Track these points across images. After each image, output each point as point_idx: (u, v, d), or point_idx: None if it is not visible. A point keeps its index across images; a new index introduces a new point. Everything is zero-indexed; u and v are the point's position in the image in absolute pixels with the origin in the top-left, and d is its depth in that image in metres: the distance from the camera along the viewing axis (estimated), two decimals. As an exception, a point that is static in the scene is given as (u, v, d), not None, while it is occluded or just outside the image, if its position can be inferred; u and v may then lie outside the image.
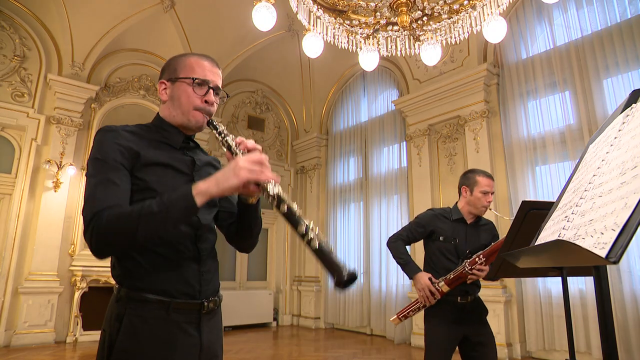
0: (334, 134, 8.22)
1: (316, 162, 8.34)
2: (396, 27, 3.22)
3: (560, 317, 4.49)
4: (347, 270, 0.91)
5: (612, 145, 0.87)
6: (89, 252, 5.95)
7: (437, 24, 3.18)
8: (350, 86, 8.07)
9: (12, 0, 5.98)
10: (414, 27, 3.17)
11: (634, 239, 0.62)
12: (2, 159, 5.81)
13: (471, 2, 3.04)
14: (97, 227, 0.98)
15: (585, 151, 1.07)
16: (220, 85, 1.24)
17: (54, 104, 6.08)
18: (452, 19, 3.13)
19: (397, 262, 2.35)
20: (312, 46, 3.38)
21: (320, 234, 0.98)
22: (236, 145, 1.13)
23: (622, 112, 0.93)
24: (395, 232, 2.46)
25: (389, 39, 3.37)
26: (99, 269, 5.86)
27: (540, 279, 4.73)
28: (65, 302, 5.72)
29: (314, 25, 3.20)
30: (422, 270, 2.28)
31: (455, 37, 3.18)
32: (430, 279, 2.18)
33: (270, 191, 1.01)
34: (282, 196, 1.01)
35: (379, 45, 3.38)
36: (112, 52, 6.71)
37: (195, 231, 1.17)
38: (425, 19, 3.15)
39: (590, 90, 4.62)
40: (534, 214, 1.54)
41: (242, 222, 1.26)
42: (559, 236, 0.85)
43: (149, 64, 7.06)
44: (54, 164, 5.84)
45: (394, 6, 3.09)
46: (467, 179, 2.32)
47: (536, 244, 1.05)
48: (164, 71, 1.25)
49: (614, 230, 0.63)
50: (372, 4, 3.24)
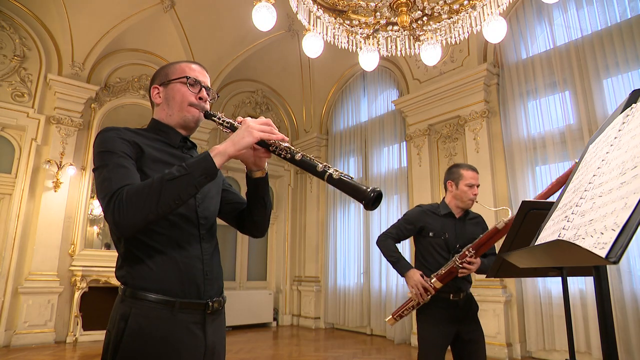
0: (334, 134, 8.22)
1: (316, 162, 8.33)
2: (396, 27, 3.22)
3: (560, 317, 4.49)
4: (372, 189, 0.97)
5: (612, 145, 0.87)
6: (88, 252, 6.00)
7: (437, 24, 3.18)
8: (350, 86, 8.07)
9: (12, 0, 5.98)
10: (414, 27, 3.17)
11: (634, 239, 0.63)
12: (2, 159, 5.81)
13: (471, 2, 3.04)
14: (119, 202, 0.99)
15: (585, 151, 1.07)
16: (210, 87, 1.31)
17: (54, 104, 6.08)
18: (452, 19, 3.13)
19: (388, 260, 2.35)
20: (312, 46, 3.38)
21: (338, 169, 1.04)
22: (239, 123, 1.18)
23: (622, 112, 0.93)
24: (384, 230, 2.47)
25: (389, 39, 3.37)
26: (99, 269, 5.86)
27: (540, 279, 4.73)
28: (65, 302, 5.72)
29: (314, 25, 3.20)
30: (413, 267, 2.28)
31: (455, 37, 3.18)
32: (422, 276, 2.18)
33: (281, 144, 1.09)
34: (293, 147, 1.09)
35: (379, 45, 3.38)
36: (112, 52, 6.71)
37: (199, 231, 1.19)
38: (425, 19, 3.15)
39: (590, 90, 4.62)
40: (534, 214, 1.54)
41: (255, 196, 1.29)
42: (559, 236, 0.85)
43: (149, 64, 7.06)
44: (54, 164, 5.84)
45: (394, 6, 3.09)
46: (452, 174, 2.34)
47: (536, 244, 1.05)
48: (155, 78, 1.30)
49: (614, 230, 0.63)
50: (372, 4, 3.24)
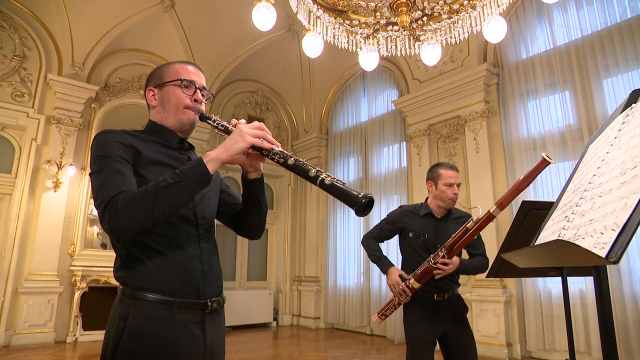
0: (334, 134, 8.22)
1: (316, 162, 8.33)
2: (396, 27, 3.22)
3: (560, 317, 4.49)
4: (363, 195, 0.97)
5: (612, 145, 0.87)
6: (88, 252, 6.00)
7: (437, 24, 3.18)
8: (350, 86, 8.07)
9: (12, 0, 5.98)
10: (414, 27, 3.17)
11: (634, 239, 0.62)
12: (2, 159, 5.81)
13: (471, 2, 3.04)
14: (114, 209, 1.00)
15: (585, 151, 1.07)
16: (205, 86, 1.30)
17: (54, 104, 6.08)
18: (452, 19, 3.12)
19: (371, 260, 2.38)
20: (312, 46, 3.37)
21: (330, 174, 1.04)
22: (232, 126, 1.19)
23: (622, 112, 0.93)
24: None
25: (389, 39, 3.37)
26: (99, 269, 5.86)
27: (540, 279, 4.73)
28: (65, 302, 5.72)
29: (314, 25, 3.20)
30: (394, 266, 2.28)
31: (455, 37, 3.18)
32: (400, 276, 2.19)
33: (274, 148, 1.10)
34: (286, 152, 1.09)
35: (379, 45, 3.38)
36: (112, 52, 6.71)
37: (197, 231, 1.19)
38: (425, 19, 3.15)
39: (590, 90, 4.62)
40: (534, 214, 1.54)
41: (251, 198, 1.29)
42: (559, 236, 0.85)
43: (149, 64, 7.06)
44: (54, 164, 5.84)
45: (394, 6, 3.09)
46: (432, 173, 2.35)
47: (536, 244, 1.05)
48: (149, 80, 1.30)
49: (614, 230, 0.63)
50: (372, 4, 3.24)
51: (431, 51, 3.32)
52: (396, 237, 2.49)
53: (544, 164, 1.70)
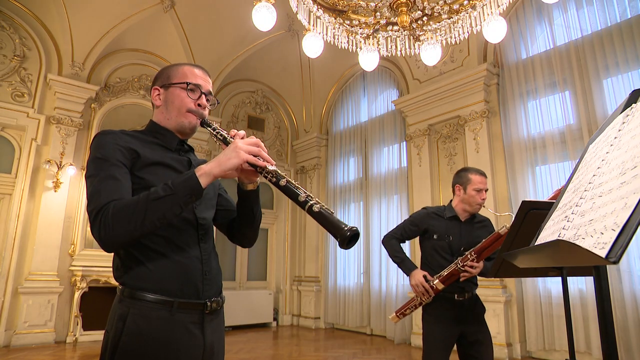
0: (334, 134, 8.22)
1: (316, 162, 8.34)
2: (396, 27, 3.22)
3: (560, 317, 4.49)
4: (349, 228, 0.95)
5: (612, 145, 0.87)
6: (88, 252, 5.99)
7: (437, 24, 3.18)
8: (350, 86, 8.07)
9: (12, 0, 5.98)
10: (414, 27, 3.17)
11: (634, 239, 0.63)
12: (2, 159, 5.80)
13: (471, 2, 3.04)
14: (105, 219, 0.99)
15: (585, 151, 1.07)
16: (211, 91, 1.30)
17: (54, 104, 6.08)
18: (452, 19, 3.12)
19: (393, 261, 2.39)
20: (312, 46, 3.37)
21: (319, 201, 1.03)
22: (231, 137, 1.18)
23: (622, 112, 0.93)
24: (389, 230, 2.50)
25: (389, 39, 3.37)
26: (99, 269, 5.86)
27: (540, 279, 4.73)
28: (65, 302, 5.72)
29: (314, 25, 3.20)
30: (417, 267, 2.30)
31: (455, 37, 3.18)
32: (425, 277, 2.20)
33: (268, 167, 1.08)
34: (279, 172, 1.08)
35: (379, 45, 3.38)
36: (112, 52, 6.71)
37: (197, 231, 1.19)
38: (425, 19, 3.15)
39: (590, 90, 4.62)
40: (534, 214, 1.54)
41: (244, 208, 1.29)
42: (559, 236, 0.85)
43: (149, 64, 7.06)
44: (54, 164, 5.84)
45: (394, 6, 3.09)
46: (460, 178, 2.34)
47: (536, 244, 1.05)
48: (157, 79, 1.30)
49: (614, 230, 0.63)
50: (372, 4, 3.24)
51: (431, 51, 3.32)
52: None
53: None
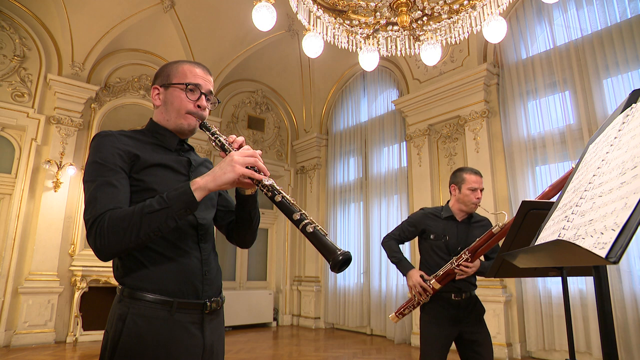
0: (334, 134, 8.22)
1: (316, 162, 8.34)
2: (396, 27, 3.22)
3: (560, 317, 4.49)
4: (342, 252, 0.95)
5: (612, 145, 0.87)
6: (88, 252, 5.99)
7: (437, 24, 3.18)
8: (350, 86, 8.07)
9: (12, 0, 5.98)
10: (414, 27, 3.17)
11: (634, 239, 0.63)
12: (2, 159, 5.81)
13: (471, 2, 3.04)
14: (100, 229, 1.00)
15: (585, 151, 1.07)
16: (212, 90, 1.29)
17: (54, 104, 6.08)
18: (452, 19, 3.13)
19: (391, 261, 2.41)
20: (312, 46, 3.37)
21: (314, 220, 1.02)
22: (229, 144, 1.18)
23: (622, 112, 0.93)
24: (389, 231, 2.52)
25: (389, 39, 3.37)
26: (99, 269, 5.86)
27: (540, 279, 4.73)
28: (65, 302, 5.72)
29: (314, 25, 3.20)
30: (414, 267, 2.32)
31: (455, 37, 3.18)
32: (422, 276, 2.21)
33: (264, 181, 1.07)
34: (276, 187, 1.07)
35: (379, 45, 3.38)
36: (112, 52, 6.71)
37: (197, 231, 1.19)
38: (425, 19, 3.15)
39: (590, 90, 4.62)
40: (534, 214, 1.54)
41: (242, 212, 1.29)
42: (559, 236, 0.85)
43: (149, 64, 7.06)
44: (54, 164, 5.84)
45: (394, 6, 3.09)
46: (455, 177, 2.36)
47: (536, 244, 1.05)
48: (157, 77, 1.29)
49: (614, 230, 0.63)
50: (372, 4, 3.24)
51: (431, 51, 3.32)
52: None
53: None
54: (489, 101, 5.67)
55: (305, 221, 1.01)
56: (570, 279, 4.33)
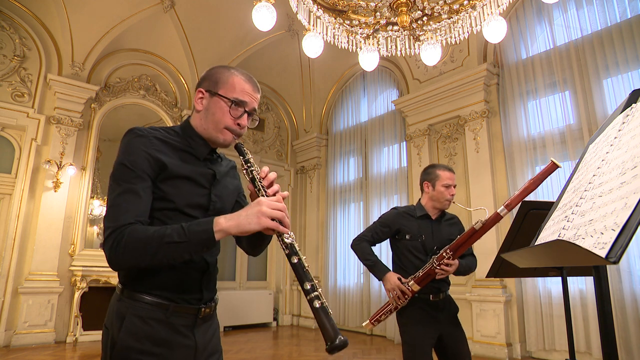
0: (334, 134, 8.22)
1: (316, 162, 8.34)
2: (396, 27, 3.22)
3: (560, 317, 4.49)
4: (340, 340, 0.94)
5: (612, 145, 0.87)
6: (88, 252, 5.99)
7: (437, 24, 3.18)
8: (350, 86, 8.07)
9: (12, 0, 5.98)
10: (414, 27, 3.17)
11: (634, 239, 0.63)
12: (2, 159, 5.80)
13: (471, 2, 3.04)
14: (117, 243, 1.01)
15: (585, 151, 1.07)
16: (256, 108, 1.25)
17: (54, 104, 6.08)
18: (452, 19, 3.13)
19: (364, 264, 2.31)
20: (312, 46, 3.37)
21: (322, 295, 1.01)
22: (260, 178, 1.16)
23: (622, 112, 0.93)
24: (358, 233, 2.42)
25: (389, 39, 3.37)
26: (99, 269, 5.86)
27: (540, 279, 4.73)
28: (65, 302, 5.72)
29: (314, 25, 3.20)
30: (390, 270, 2.24)
31: (455, 37, 3.18)
32: (399, 279, 2.14)
33: (286, 239, 1.06)
34: (295, 246, 1.06)
35: (379, 45, 3.38)
36: (112, 52, 6.71)
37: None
38: (425, 19, 3.15)
39: (590, 90, 4.62)
40: (534, 214, 1.54)
41: (257, 238, 1.27)
42: (559, 236, 0.85)
43: (149, 64, 7.06)
44: (54, 164, 5.84)
45: (394, 6, 3.09)
46: (428, 174, 2.32)
47: (536, 244, 1.05)
48: (204, 79, 1.24)
49: (614, 230, 0.63)
50: (372, 4, 3.24)
51: (431, 51, 3.32)
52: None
53: (553, 167, 1.75)
54: (489, 101, 5.67)
55: (314, 293, 1.00)
56: (570, 279, 4.33)
